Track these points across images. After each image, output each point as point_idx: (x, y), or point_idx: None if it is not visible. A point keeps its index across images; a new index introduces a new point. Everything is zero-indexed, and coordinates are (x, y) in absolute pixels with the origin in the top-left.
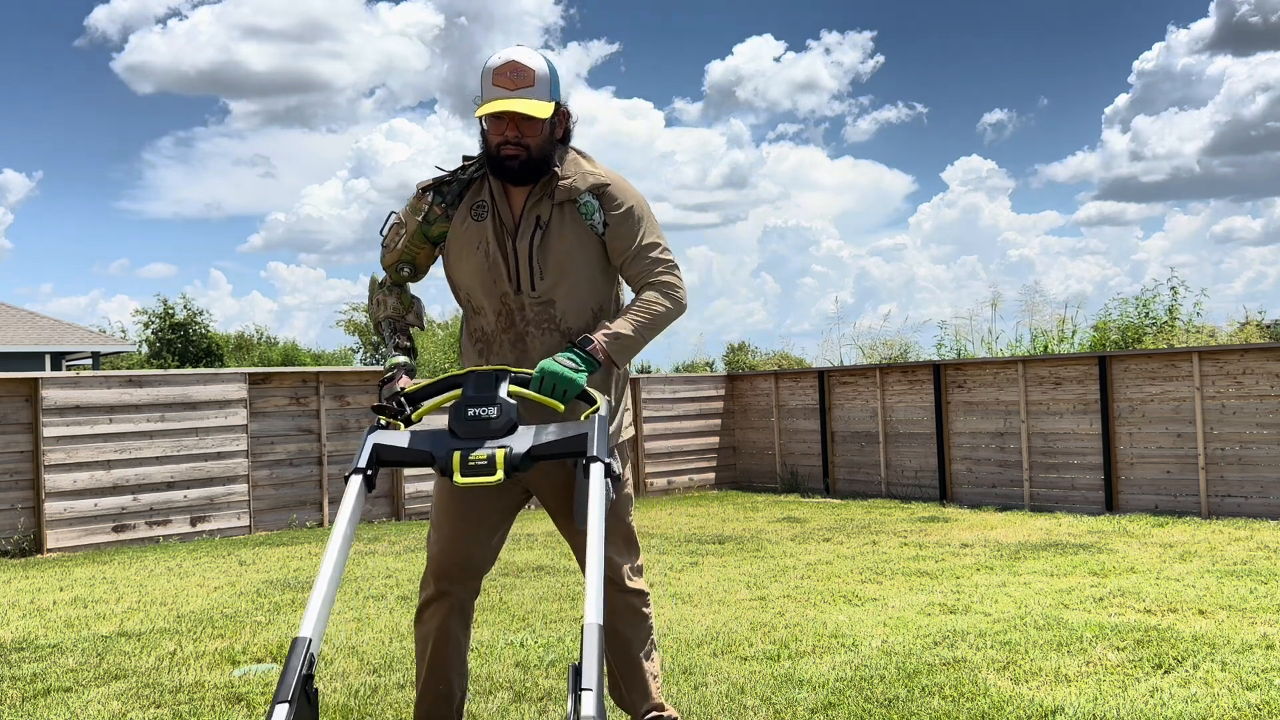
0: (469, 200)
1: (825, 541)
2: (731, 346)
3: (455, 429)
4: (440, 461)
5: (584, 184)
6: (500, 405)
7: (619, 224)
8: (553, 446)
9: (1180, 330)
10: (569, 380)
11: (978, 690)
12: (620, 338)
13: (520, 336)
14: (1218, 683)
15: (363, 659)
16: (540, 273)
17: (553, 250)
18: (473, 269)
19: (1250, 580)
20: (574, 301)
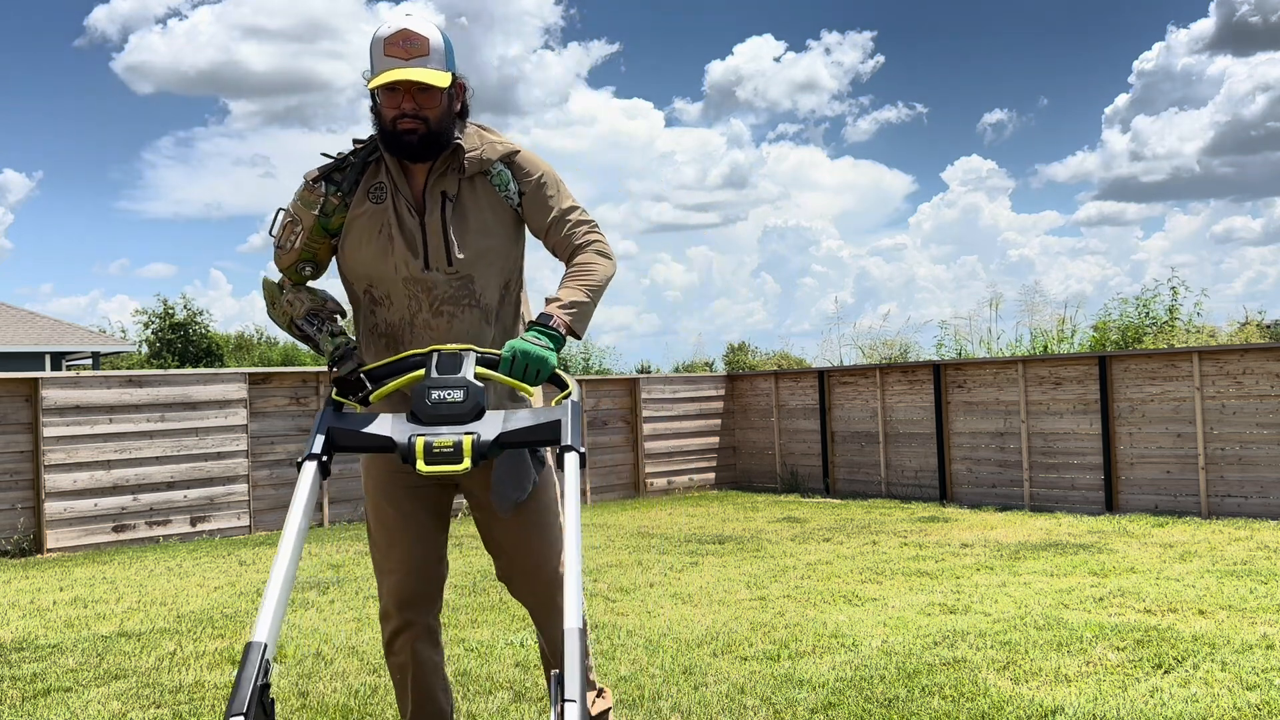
0: (365, 184)
1: (825, 541)
2: (731, 346)
3: (417, 412)
4: (402, 448)
5: (494, 154)
6: (467, 388)
7: (535, 192)
8: (524, 434)
9: (1180, 330)
10: (541, 359)
11: (978, 690)
12: (576, 305)
13: (438, 316)
14: (1218, 683)
15: (363, 659)
16: (458, 247)
17: (470, 224)
18: (375, 253)
19: (1250, 580)
20: (491, 275)
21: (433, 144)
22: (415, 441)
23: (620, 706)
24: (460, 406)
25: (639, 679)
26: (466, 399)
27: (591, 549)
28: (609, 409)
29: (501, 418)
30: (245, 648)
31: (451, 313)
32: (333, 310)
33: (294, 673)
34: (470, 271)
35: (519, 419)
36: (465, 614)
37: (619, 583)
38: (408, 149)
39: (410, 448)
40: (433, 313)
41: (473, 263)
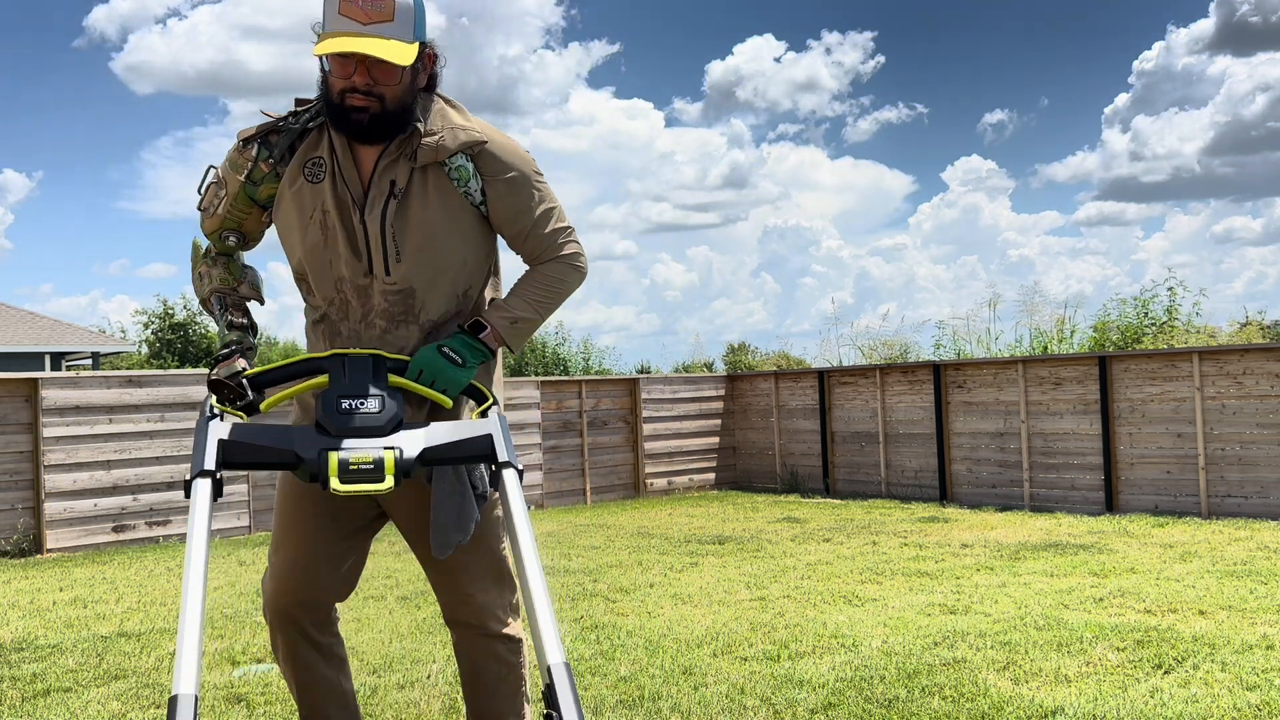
0: (302, 155)
1: (825, 542)
2: (731, 346)
3: (326, 424)
4: (310, 464)
5: (454, 142)
6: (382, 397)
7: (505, 193)
8: (452, 449)
9: (1180, 330)
10: (451, 378)
11: (978, 690)
12: (520, 322)
13: (368, 328)
14: (1218, 683)
15: (363, 659)
16: (397, 254)
17: (413, 225)
18: (308, 243)
19: (1250, 580)
20: (438, 289)
21: (386, 126)
22: (327, 457)
23: (620, 707)
24: (376, 418)
25: (639, 679)
26: (383, 409)
27: (591, 549)
28: (609, 409)
29: (424, 432)
30: (171, 703)
31: (384, 327)
32: (245, 296)
33: None
34: (411, 283)
35: (443, 433)
36: None
37: (619, 583)
38: (355, 129)
39: (321, 464)
40: (364, 323)
41: (414, 273)
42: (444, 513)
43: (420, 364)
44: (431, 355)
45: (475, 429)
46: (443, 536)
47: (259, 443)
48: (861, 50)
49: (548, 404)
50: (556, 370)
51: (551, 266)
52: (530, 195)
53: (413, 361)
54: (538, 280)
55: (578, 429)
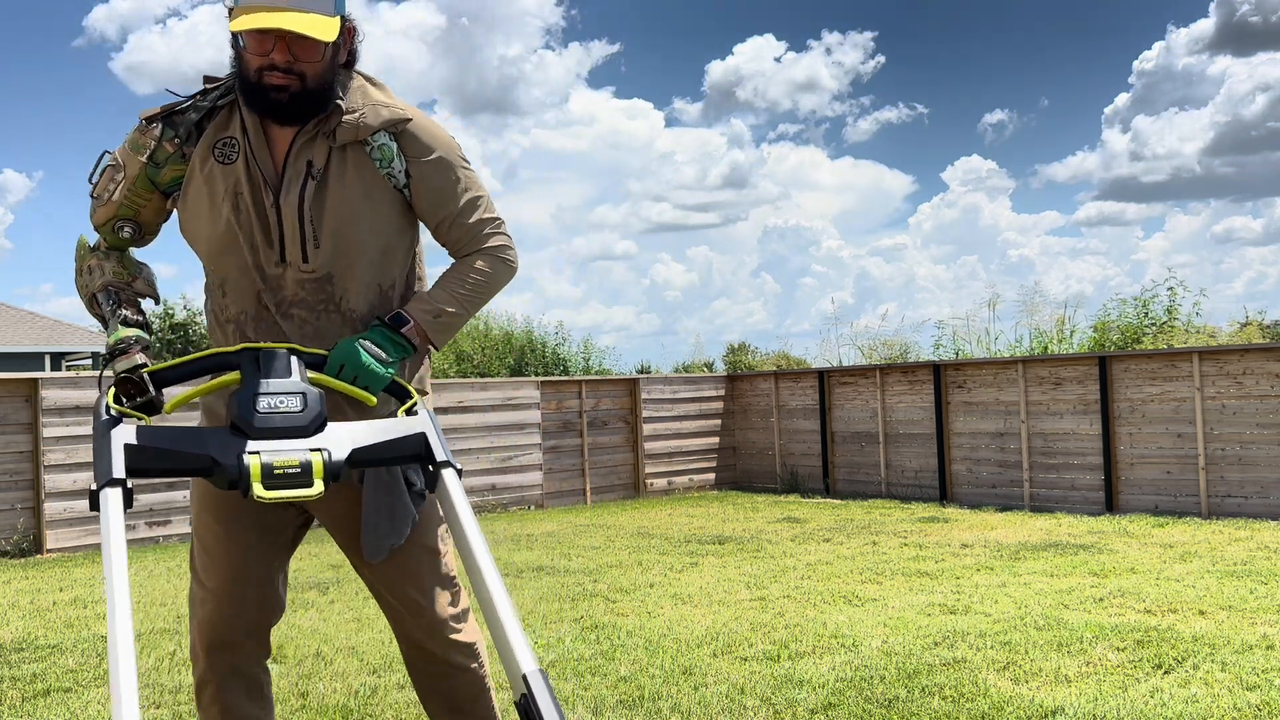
0: (211, 135)
1: (825, 542)
2: (731, 346)
3: (244, 425)
4: (229, 469)
5: (376, 120)
6: (304, 394)
7: (429, 176)
8: (383, 450)
9: (1180, 330)
10: (373, 374)
11: (978, 691)
12: (445, 317)
13: (285, 319)
14: (1218, 683)
15: (363, 659)
16: (314, 239)
17: (331, 208)
18: (215, 229)
19: (1250, 581)
20: (359, 276)
21: (306, 105)
22: (248, 461)
23: (620, 707)
24: (299, 417)
25: (639, 679)
26: (305, 408)
27: (591, 549)
28: (609, 409)
29: (350, 431)
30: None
31: (303, 318)
32: (139, 292)
33: (294, 673)
34: (330, 270)
35: (372, 432)
36: None
37: (619, 583)
38: (274, 109)
39: (241, 469)
40: (280, 314)
41: (333, 259)
42: (375, 512)
43: (340, 358)
44: (352, 349)
45: (406, 427)
46: (374, 538)
47: (170, 447)
48: (862, 50)
49: (548, 404)
50: (556, 370)
51: (479, 259)
52: (456, 179)
53: (331, 356)
54: (464, 274)
55: (578, 429)
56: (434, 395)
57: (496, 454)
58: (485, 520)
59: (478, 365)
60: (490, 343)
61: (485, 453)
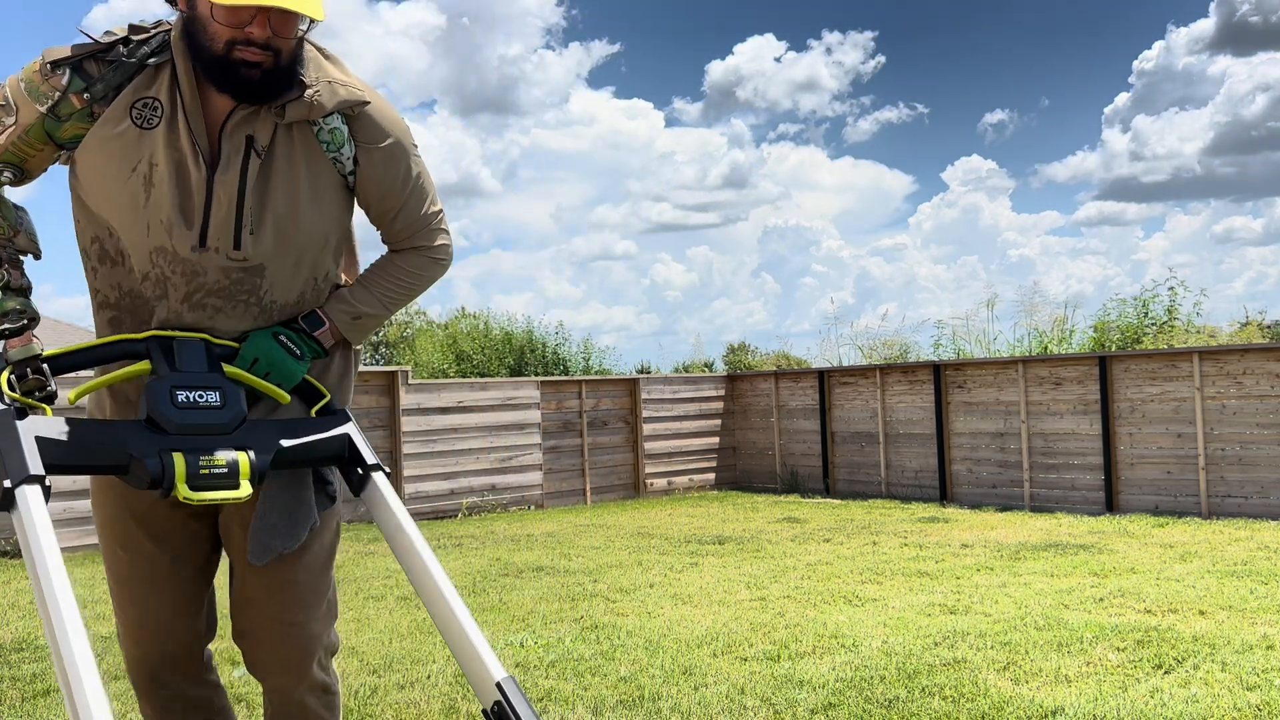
0: (132, 94)
1: (825, 542)
2: (731, 346)
3: (161, 421)
4: (151, 467)
5: (332, 100)
6: (223, 389)
7: (381, 164)
8: (309, 451)
9: (1180, 330)
10: (288, 371)
11: (978, 691)
12: (364, 319)
13: (195, 310)
14: (1218, 683)
15: (363, 659)
16: (251, 224)
17: (276, 192)
18: (123, 201)
19: (1250, 581)
20: (291, 270)
21: (277, 83)
22: (172, 460)
23: (620, 707)
24: (220, 414)
25: (639, 679)
26: (226, 403)
27: (592, 549)
28: (609, 409)
29: (272, 429)
30: None
31: (217, 308)
32: (21, 249)
33: None
34: (262, 261)
35: (295, 431)
36: None
37: (619, 583)
38: (242, 86)
39: (165, 468)
40: (188, 304)
41: (268, 249)
42: (272, 509)
43: (255, 352)
44: (268, 343)
45: (330, 428)
46: (264, 538)
47: (85, 442)
48: (862, 50)
49: (548, 404)
50: (556, 370)
51: (413, 258)
52: (407, 168)
53: (245, 348)
54: (395, 273)
55: (578, 429)
56: (434, 395)
57: (496, 454)
58: (485, 520)
59: (478, 365)
60: (490, 343)
61: (485, 453)
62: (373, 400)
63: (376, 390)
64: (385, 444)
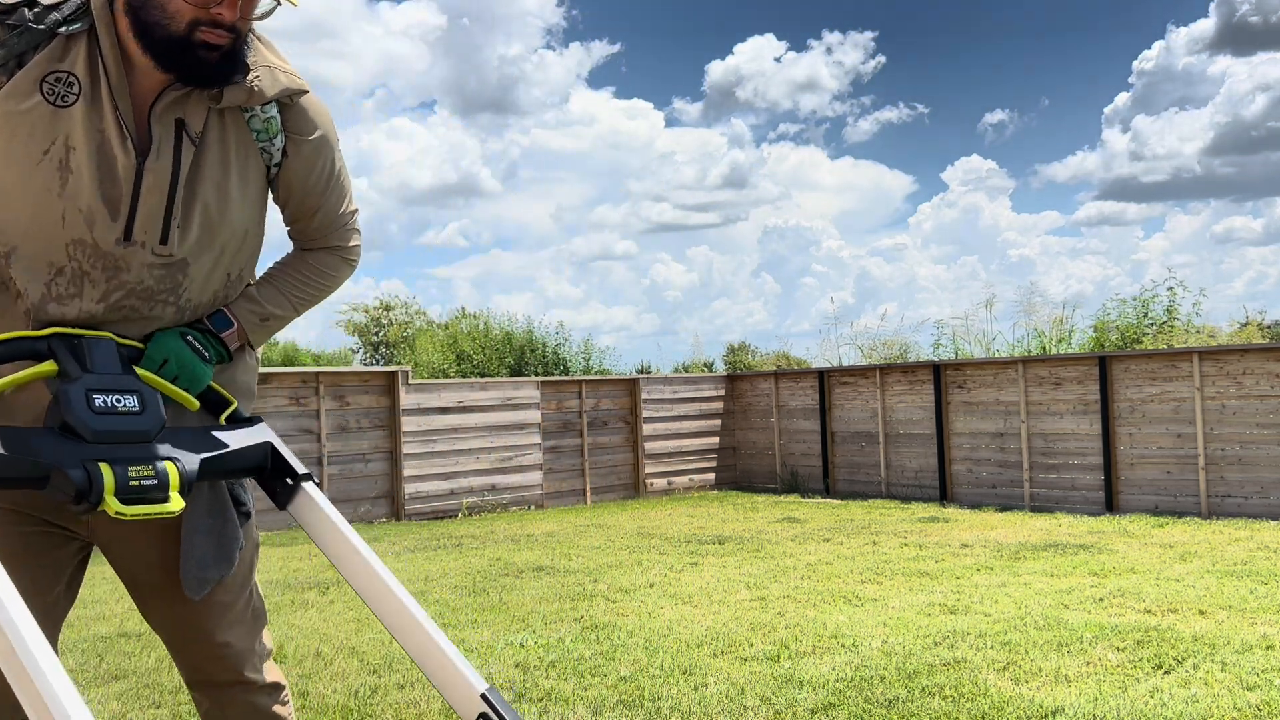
0: (41, 66)
1: (825, 542)
2: (731, 346)
3: (79, 427)
4: (77, 479)
5: (273, 87)
6: (141, 393)
7: (308, 157)
8: (230, 460)
9: (1180, 330)
10: (195, 376)
11: (978, 690)
12: (272, 320)
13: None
14: (1218, 683)
15: (363, 659)
16: (179, 218)
17: (208, 182)
18: (34, 186)
19: (1250, 581)
20: (210, 267)
21: (230, 66)
22: (99, 470)
23: (620, 707)
24: (140, 420)
25: (639, 679)
26: (145, 409)
27: (591, 549)
28: (609, 409)
29: (192, 438)
30: None
31: (134, 307)
32: None
33: (294, 673)
34: (186, 257)
35: (215, 441)
36: (465, 614)
37: (619, 583)
38: (197, 68)
39: (92, 479)
40: (105, 304)
41: (194, 246)
42: (199, 539)
43: (164, 352)
44: (177, 343)
45: (249, 437)
46: (198, 570)
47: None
48: (862, 50)
49: (548, 404)
50: (556, 370)
51: (326, 258)
52: (332, 163)
53: (151, 349)
54: (307, 273)
55: (578, 429)
56: (435, 395)
57: (496, 454)
58: (485, 520)
59: (478, 365)
60: (490, 343)
61: (485, 453)
62: (373, 400)
63: (376, 390)
64: (386, 444)
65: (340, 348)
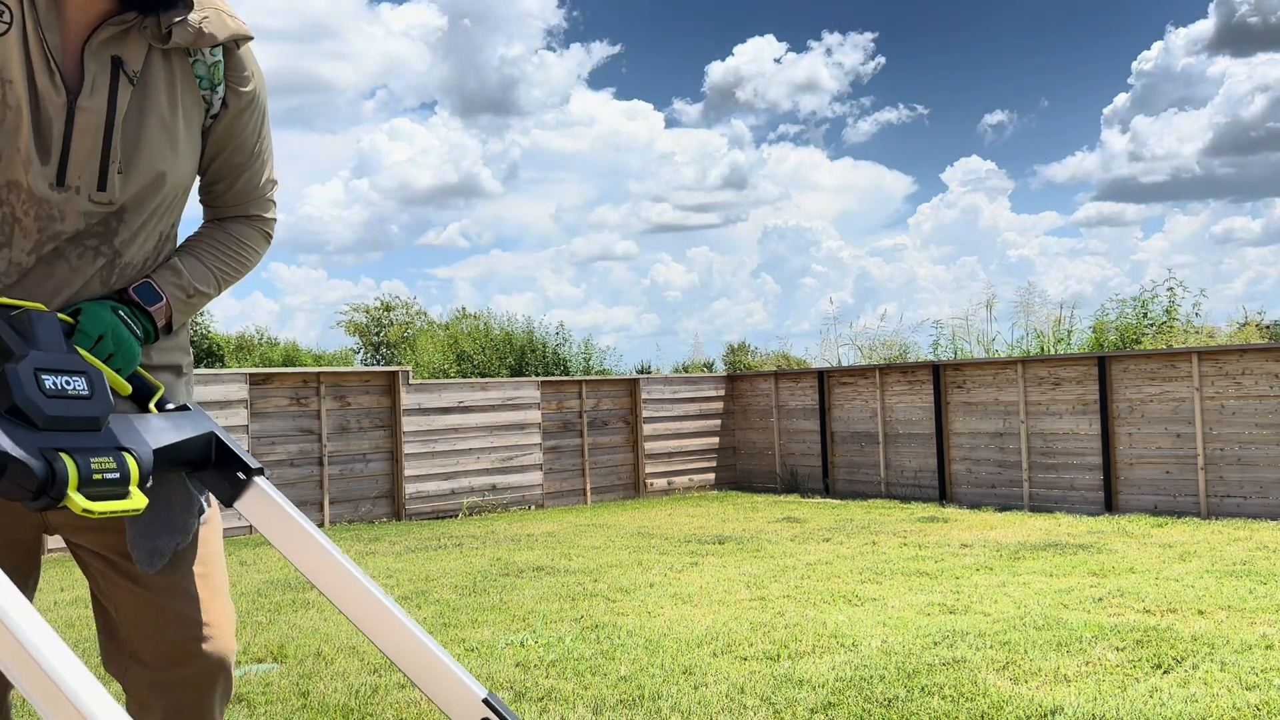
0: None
1: (825, 541)
2: (731, 347)
3: (30, 412)
4: (37, 470)
5: (222, 31)
6: (89, 375)
7: (245, 111)
8: (179, 451)
9: (1179, 330)
10: (129, 355)
11: (977, 690)
12: (197, 298)
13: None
14: (1217, 683)
15: (363, 659)
16: (119, 161)
17: (149, 125)
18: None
19: (1249, 580)
20: (149, 218)
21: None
22: (61, 461)
23: (620, 706)
24: (90, 405)
25: (639, 679)
26: (94, 393)
27: (592, 549)
28: (609, 409)
29: (136, 427)
30: None
31: (73, 265)
32: None
33: (294, 672)
34: (126, 205)
35: (160, 429)
36: (465, 614)
37: (619, 583)
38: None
39: (54, 472)
40: (36, 255)
41: (139, 196)
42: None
43: (100, 326)
44: (111, 317)
45: (192, 426)
46: (148, 543)
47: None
48: (862, 51)
49: (548, 404)
50: (557, 370)
51: (245, 229)
52: (263, 121)
53: (84, 322)
54: (230, 245)
55: (578, 429)
56: (435, 395)
57: (497, 454)
58: (485, 520)
59: (478, 365)
60: (490, 343)
61: (485, 453)
62: (373, 400)
63: (377, 390)
64: (386, 444)
65: (341, 348)
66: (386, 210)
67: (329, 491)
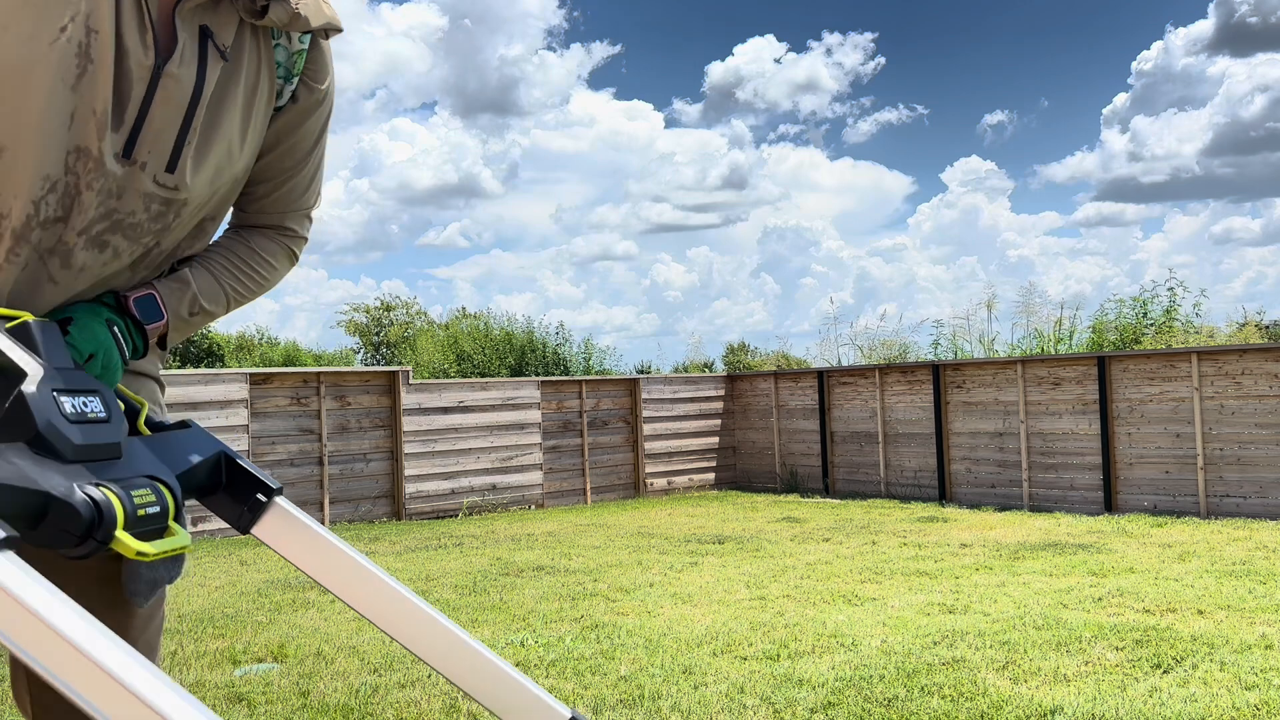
0: None
1: (825, 541)
2: (731, 347)
3: (57, 441)
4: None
5: (318, 17)
6: (103, 395)
7: (313, 111)
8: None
9: (1179, 330)
10: (115, 373)
11: (977, 690)
12: (200, 315)
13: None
14: (1216, 683)
15: (363, 659)
16: (194, 144)
17: (233, 112)
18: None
19: (1249, 580)
20: (197, 211)
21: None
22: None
23: (620, 706)
24: (110, 429)
25: (639, 679)
26: (111, 413)
27: (592, 549)
28: (609, 409)
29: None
30: None
31: (117, 248)
32: None
33: (295, 672)
34: (188, 196)
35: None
36: (465, 613)
37: (619, 582)
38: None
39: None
40: (86, 235)
41: (202, 179)
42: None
43: (94, 344)
44: (105, 333)
45: (200, 447)
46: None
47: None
48: (862, 51)
49: (548, 404)
50: (557, 370)
51: (270, 244)
52: (323, 130)
53: (76, 335)
54: (250, 261)
55: (578, 429)
56: (435, 395)
57: (497, 454)
58: (485, 520)
59: (478, 365)
60: (490, 343)
61: (485, 453)
62: (373, 400)
63: (377, 390)
64: (386, 443)
65: (341, 348)
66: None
67: (329, 491)
